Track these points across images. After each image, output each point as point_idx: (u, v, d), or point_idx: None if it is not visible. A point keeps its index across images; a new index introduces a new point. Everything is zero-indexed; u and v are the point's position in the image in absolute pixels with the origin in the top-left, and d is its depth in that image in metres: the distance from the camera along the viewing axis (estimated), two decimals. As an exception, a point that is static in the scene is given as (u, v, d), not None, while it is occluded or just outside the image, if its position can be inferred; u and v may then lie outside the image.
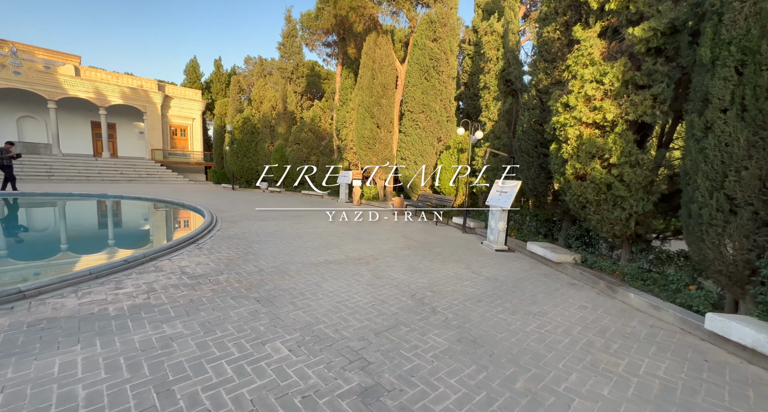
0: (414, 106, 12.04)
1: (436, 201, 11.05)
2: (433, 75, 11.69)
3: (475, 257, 6.30)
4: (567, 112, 4.83)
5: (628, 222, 4.42)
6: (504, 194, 6.99)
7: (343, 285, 4.33)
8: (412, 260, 5.79)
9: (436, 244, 7.26)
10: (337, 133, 18.48)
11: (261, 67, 30.19)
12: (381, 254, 6.06)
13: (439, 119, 11.79)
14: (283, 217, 10.02)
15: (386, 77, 14.27)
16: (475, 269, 5.44)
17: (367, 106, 14.45)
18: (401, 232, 8.47)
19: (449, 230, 9.15)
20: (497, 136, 8.62)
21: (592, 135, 4.55)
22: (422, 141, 12.00)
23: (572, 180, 4.93)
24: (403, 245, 6.98)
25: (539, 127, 6.37)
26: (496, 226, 7.07)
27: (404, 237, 7.83)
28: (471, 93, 13.75)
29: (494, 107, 8.58)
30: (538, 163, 6.48)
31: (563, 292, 4.47)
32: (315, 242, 6.76)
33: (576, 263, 5.39)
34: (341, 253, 6.02)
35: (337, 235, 7.65)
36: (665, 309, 3.56)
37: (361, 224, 9.42)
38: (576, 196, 4.96)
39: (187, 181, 25.29)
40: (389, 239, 7.55)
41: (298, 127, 19.26)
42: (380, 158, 14.80)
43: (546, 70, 6.13)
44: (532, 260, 6.24)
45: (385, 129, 14.56)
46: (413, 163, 12.36)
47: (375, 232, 8.26)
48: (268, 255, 5.57)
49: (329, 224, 9.16)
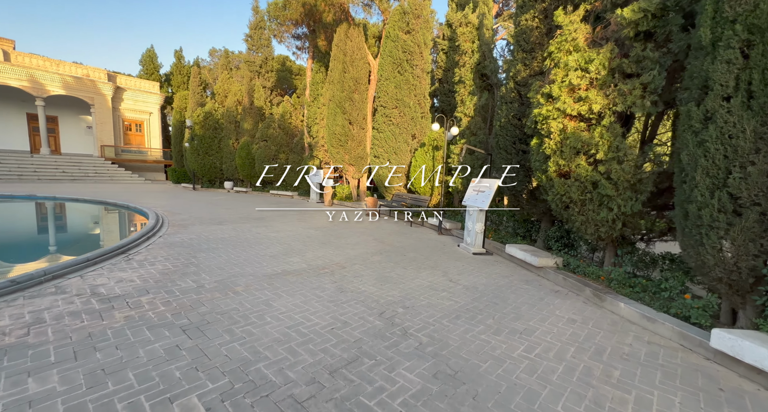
0: (387, 101, 11.46)
1: (410, 201, 10.54)
2: (406, 69, 11.17)
3: (452, 261, 5.81)
4: (549, 103, 4.42)
5: (615, 223, 4.07)
6: (481, 194, 6.57)
7: (299, 303, 3.63)
8: (383, 267, 5.18)
9: (410, 248, 6.71)
10: (308, 130, 17.55)
11: (227, 59, 28.44)
12: (349, 262, 5.40)
13: (414, 115, 11.29)
14: (244, 219, 9.08)
15: (358, 71, 13.59)
16: (453, 276, 4.93)
17: (338, 101, 13.69)
18: (373, 234, 7.85)
19: (424, 232, 8.66)
20: (473, 132, 8.22)
21: (577, 128, 4.16)
22: (396, 138, 11.46)
23: (555, 178, 4.54)
24: (374, 249, 6.36)
25: (518, 122, 5.99)
26: (474, 227, 6.63)
27: (376, 240, 7.22)
28: (446, 89, 13.40)
29: (470, 102, 8.18)
30: (517, 161, 6.10)
31: (548, 302, 4.04)
32: (275, 249, 5.97)
33: (558, 268, 5.03)
34: (303, 261, 5.30)
35: (301, 239, 6.89)
36: (660, 322, 3.19)
37: (331, 226, 8.70)
38: (559, 195, 4.57)
39: (143, 181, 23.19)
40: (360, 242, 6.91)
41: (265, 123, 18.09)
42: (353, 156, 14.10)
43: (524, 61, 5.74)
44: (512, 264, 5.84)
45: (358, 126, 13.88)
46: (387, 162, 11.79)
47: (345, 235, 7.58)
48: (214, 267, 4.74)
49: (295, 226, 8.36)
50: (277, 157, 18.02)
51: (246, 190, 18.74)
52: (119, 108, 25.18)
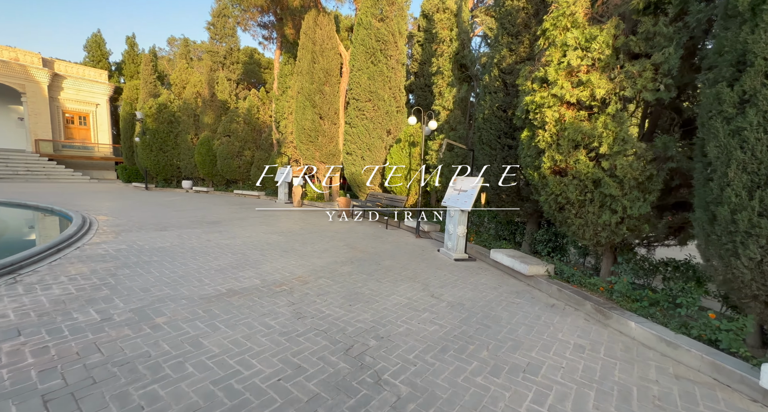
0: (360, 93, 10.64)
1: (386, 201, 9.81)
2: (380, 59, 10.40)
3: (433, 270, 5.13)
4: (544, 89, 3.83)
5: (619, 228, 3.55)
6: (463, 194, 5.95)
7: (239, 338, 2.76)
8: (354, 280, 4.39)
9: (386, 254, 5.96)
10: (277, 126, 16.33)
11: (186, 48, 26.21)
12: (313, 274, 4.56)
13: (388, 109, 10.56)
14: (196, 223, 7.91)
15: (329, 62, 12.65)
16: (435, 289, 4.24)
17: (307, 93, 12.67)
18: (345, 239, 7.03)
19: (401, 235, 7.96)
20: (452, 127, 7.62)
21: (577, 118, 3.60)
22: (370, 133, 10.67)
23: (549, 176, 3.97)
24: (345, 257, 5.55)
25: (503, 114, 5.42)
26: (455, 231, 6.00)
27: (348, 246, 6.41)
28: (422, 83, 12.80)
29: (449, 94, 7.57)
30: (502, 157, 5.53)
31: (547, 321, 3.45)
32: (224, 260, 4.99)
33: (550, 276, 4.49)
34: (257, 276, 4.39)
35: (260, 247, 5.94)
36: (684, 348, 2.66)
37: (298, 229, 7.77)
38: (553, 195, 4.00)
39: (88, 180, 20.72)
40: (329, 249, 6.07)
41: (228, 117, 16.61)
42: (324, 153, 13.14)
43: (510, 46, 5.17)
44: (498, 272, 5.27)
45: (329, 121, 12.94)
46: (360, 159, 10.97)
47: (313, 240, 6.70)
48: (136, 288, 3.72)
49: (256, 231, 7.35)
50: (241, 154, 16.62)
51: (207, 190, 17.15)
52: (58, 98, 22.35)
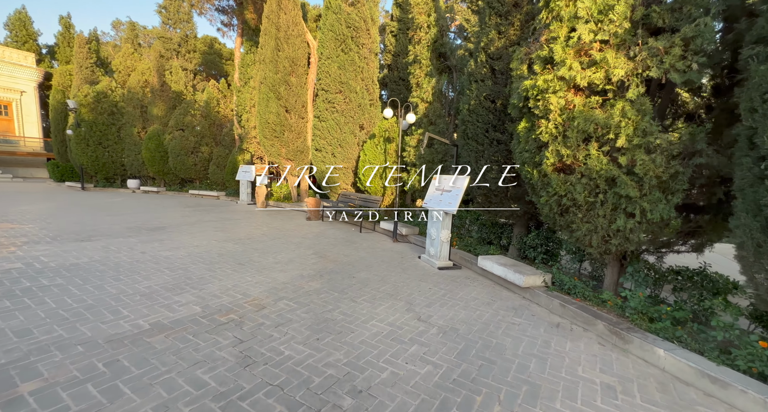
0: (329, 83, 9.73)
1: (359, 202, 9.02)
2: (351, 47, 9.56)
3: (415, 282, 4.45)
4: (547, 71, 3.25)
5: (633, 234, 3.05)
6: (447, 194, 5.32)
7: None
8: (323, 301, 3.58)
9: (361, 263, 5.19)
10: (238, 120, 14.91)
11: (133, 32, 23.63)
12: (273, 294, 3.68)
13: (361, 102, 9.76)
14: (133, 231, 6.63)
15: (295, 50, 11.58)
16: (421, 309, 3.54)
17: (271, 84, 11.52)
18: (314, 246, 6.16)
19: (377, 239, 7.22)
20: (431, 120, 7.00)
21: (587, 105, 3.05)
22: (341, 128, 9.81)
23: (551, 174, 3.41)
24: (313, 269, 4.70)
25: (491, 104, 4.84)
26: (438, 235, 5.37)
27: (317, 255, 5.56)
28: (396, 77, 12.12)
29: (427, 85, 6.94)
30: (491, 153, 4.96)
31: (557, 348, 2.87)
32: (157, 279, 3.96)
33: (548, 287, 3.97)
34: (198, 300, 3.44)
35: (209, 259, 4.92)
36: (737, 387, 2.16)
37: (260, 235, 6.76)
38: (556, 197, 3.45)
39: (10, 179, 17.86)
40: (294, 259, 5.18)
41: (181, 109, 14.90)
42: (291, 150, 12.06)
43: (499, 28, 4.59)
44: (488, 282, 4.69)
45: (296, 114, 11.88)
46: (331, 156, 10.08)
47: (275, 248, 5.76)
48: (8, 331, 2.65)
49: (208, 238, 6.25)
50: (197, 151, 14.99)
51: (157, 190, 15.30)
52: (-29, 83, 19.08)
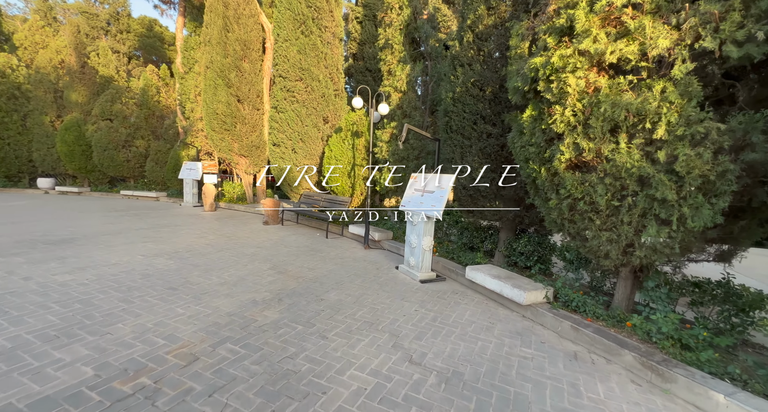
0: (288, 69, 8.60)
1: (325, 203, 8.06)
2: (313, 30, 8.51)
3: (398, 303, 3.68)
4: (564, 46, 2.63)
5: (667, 245, 2.54)
6: (428, 195, 4.62)
7: None
8: (282, 342, 2.66)
9: (329, 279, 4.30)
10: (182, 110, 13.04)
11: (45, 3, 20.05)
12: (211, 336, 2.68)
13: (325, 92, 8.76)
14: (27, 244, 5.07)
15: (247, 32, 10.21)
16: (411, 345, 2.78)
17: (219, 68, 10.05)
18: (272, 257, 5.13)
19: (346, 246, 6.35)
20: (406, 113, 6.27)
21: (615, 87, 2.47)
22: (302, 121, 8.73)
23: (564, 172, 2.82)
24: (269, 291, 3.73)
25: (480, 92, 4.20)
26: (419, 243, 4.65)
27: (275, 269, 4.56)
28: (362, 67, 11.25)
29: (401, 72, 6.19)
30: (480, 148, 4.34)
31: (591, 395, 2.27)
32: (33, 323, 2.75)
33: (551, 304, 3.42)
34: (92, 352, 2.35)
35: (127, 284, 3.72)
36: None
37: (204, 246, 5.55)
38: (570, 200, 2.87)
39: None
40: (246, 277, 4.15)
41: (107, 96, 12.66)
42: (245, 145, 10.69)
43: (489, 2, 3.95)
44: (479, 297, 4.07)
45: (250, 105, 10.53)
46: (291, 152, 8.97)
47: (223, 263, 4.65)
48: None
49: (133, 253, 4.92)
50: (130, 144, 12.88)
51: (79, 190, 12.90)
52: None
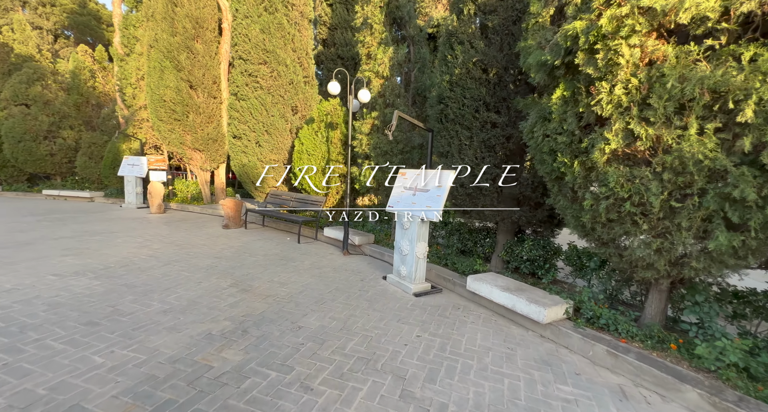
0: (250, 51, 7.51)
1: (295, 203, 7.15)
2: (278, 7, 7.50)
3: (394, 325, 2.99)
4: (616, 4, 2.09)
5: (735, 256, 2.09)
6: (423, 195, 3.97)
7: None
8: (249, 401, 1.86)
9: (307, 297, 3.50)
10: (122, 96, 11.25)
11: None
12: (137, 405, 1.81)
13: (293, 79, 7.79)
14: None
15: (200, 8, 8.89)
16: (421, 388, 2.11)
17: (166, 48, 8.64)
18: (233, 270, 4.18)
19: (322, 252, 5.53)
20: (389, 102, 5.57)
21: (683, 57, 1.97)
22: (268, 110, 7.70)
23: (605, 166, 2.30)
24: (229, 319, 2.85)
25: (483, 75, 3.62)
26: (412, 250, 3.99)
27: (237, 287, 3.65)
28: (333, 54, 10.35)
29: (383, 55, 5.47)
30: (482, 140, 3.76)
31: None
32: None
33: (575, 322, 2.93)
34: None
35: (21, 320, 2.64)
36: None
37: (146, 257, 4.43)
38: (611, 200, 2.36)
39: None
40: (197, 300, 3.21)
41: (22, 76, 10.55)
42: (200, 138, 9.36)
43: (495, -33, 3.37)
44: (484, 311, 3.50)
45: (206, 92, 9.23)
46: (255, 145, 7.89)
47: (169, 281, 3.64)
48: None
49: (42, 272, 3.71)
50: (55, 135, 10.88)
51: (-12, 191, 10.67)
52: None
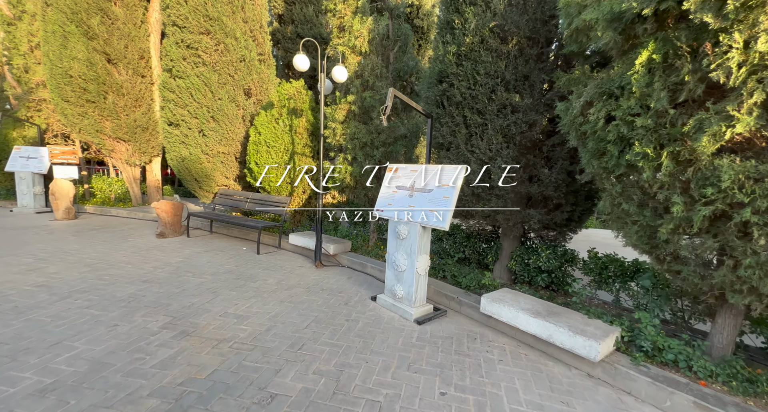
0: (187, 16, 6.00)
1: (253, 204, 5.91)
2: (224, -35, 6.08)
3: (404, 375, 2.14)
4: None
5: None
6: (425, 195, 3.16)
7: None
8: None
9: (276, 338, 2.49)
10: (10, 69, 8.72)
11: None
12: None
13: (246, 55, 6.45)
14: None
15: (119, -41, 7.04)
16: None
17: (70, 8, 6.71)
18: (167, 300, 2.98)
19: (288, 264, 4.46)
20: (367, 84, 4.65)
21: None
22: (213, 91, 6.27)
23: (711, 159, 1.69)
24: (155, 396, 1.78)
25: (501, 45, 2.88)
26: (412, 265, 3.16)
27: (172, 327, 2.50)
28: (292, 33, 9.03)
29: (361, 26, 4.50)
30: (498, 128, 3.04)
31: None
32: None
33: (632, 357, 2.36)
34: None
35: None
36: None
37: (33, 289, 2.99)
38: (718, 204, 1.75)
39: None
40: (105, 360, 2.03)
41: None
42: (125, 125, 7.53)
43: None
44: (510, 343, 2.81)
45: (130, 69, 7.42)
46: (198, 135, 6.43)
47: (59, 326, 2.36)
48: None
49: None
50: None
51: None
52: None
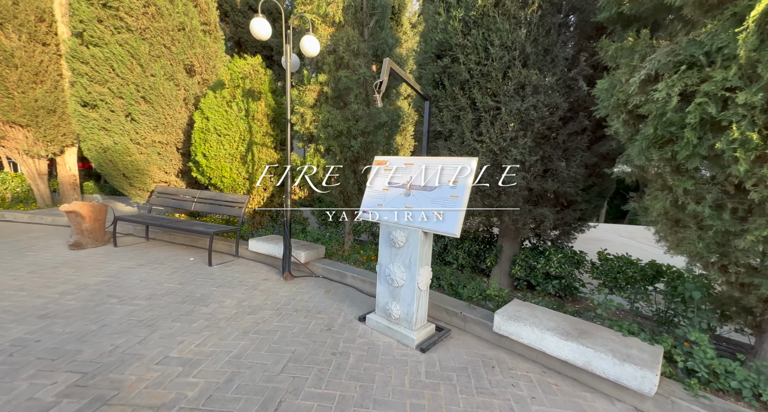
0: (102, -36, 4.68)
1: (202, 204, 4.87)
2: None
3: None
4: None
5: None
6: (425, 194, 2.56)
7: None
8: None
9: (239, 392, 1.75)
10: None
11: None
12: None
13: (185, 23, 5.26)
14: None
15: None
16: None
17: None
18: (75, 343, 2.05)
19: (249, 277, 3.61)
20: (342, 60, 3.89)
21: None
22: (144, 65, 5.03)
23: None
24: None
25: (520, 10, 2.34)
26: (411, 279, 2.56)
27: (77, 394, 1.64)
28: (243, 5, 7.81)
29: (335, -11, 3.72)
30: (515, 112, 2.52)
31: None
32: None
33: (688, 387, 2.00)
34: None
35: None
36: None
37: None
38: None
39: None
40: None
41: None
42: (21, 105, 5.90)
43: None
44: (534, 370, 2.35)
45: (25, 33, 5.79)
46: (124, 120, 5.14)
47: None
48: None
49: None
50: None
51: None
52: None
